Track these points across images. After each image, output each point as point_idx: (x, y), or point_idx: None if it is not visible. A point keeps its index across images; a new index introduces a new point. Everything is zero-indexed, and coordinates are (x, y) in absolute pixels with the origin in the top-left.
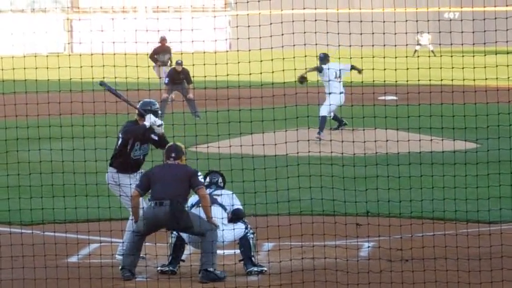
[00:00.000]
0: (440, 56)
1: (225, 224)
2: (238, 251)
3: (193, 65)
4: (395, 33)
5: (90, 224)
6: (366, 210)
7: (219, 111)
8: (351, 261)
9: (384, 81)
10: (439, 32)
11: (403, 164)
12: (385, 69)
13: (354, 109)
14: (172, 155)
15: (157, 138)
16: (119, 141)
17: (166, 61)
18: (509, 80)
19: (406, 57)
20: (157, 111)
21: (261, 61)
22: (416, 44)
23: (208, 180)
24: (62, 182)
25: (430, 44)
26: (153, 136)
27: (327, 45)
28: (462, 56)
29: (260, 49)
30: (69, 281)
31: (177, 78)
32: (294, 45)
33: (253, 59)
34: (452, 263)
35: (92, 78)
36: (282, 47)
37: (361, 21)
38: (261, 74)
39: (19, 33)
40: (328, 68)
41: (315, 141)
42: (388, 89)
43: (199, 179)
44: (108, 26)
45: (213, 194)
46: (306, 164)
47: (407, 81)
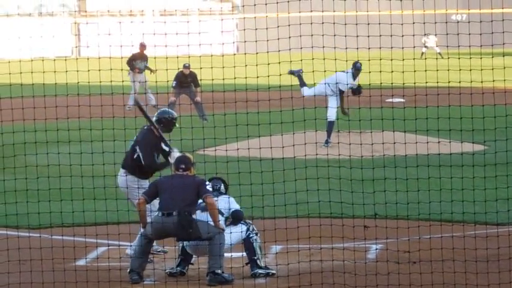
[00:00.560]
0: (448, 58)
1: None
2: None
3: (201, 68)
4: (402, 36)
5: (98, 228)
6: (373, 212)
7: (227, 114)
8: (359, 263)
9: (392, 83)
10: (447, 34)
11: (411, 166)
12: (392, 71)
13: (362, 111)
14: (182, 166)
15: (167, 149)
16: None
17: (143, 68)
18: None
19: (414, 59)
20: (174, 123)
21: (268, 64)
22: (423, 46)
23: (210, 186)
24: (69, 185)
25: (437, 46)
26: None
27: (334, 47)
28: (469, 58)
29: (267, 52)
30: (77, 284)
31: (185, 81)
32: (301, 47)
33: (260, 62)
34: (460, 265)
35: (100, 82)
36: (289, 49)
37: (368, 24)
38: (268, 76)
39: (26, 37)
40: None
41: (323, 145)
42: (395, 91)
43: (206, 188)
44: (115, 29)
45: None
46: (314, 167)
47: (414, 83)
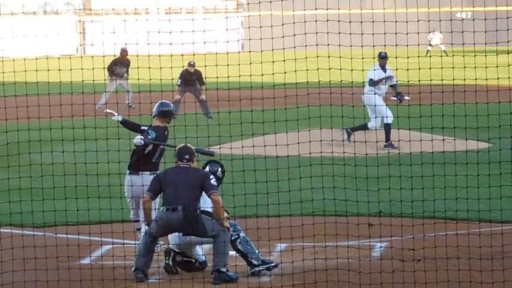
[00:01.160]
0: (453, 56)
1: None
2: None
3: (206, 66)
4: (407, 33)
5: (102, 226)
6: (378, 210)
7: (232, 112)
8: (364, 261)
9: (397, 81)
10: (451, 32)
11: (416, 164)
12: (397, 69)
13: (367, 109)
14: (186, 156)
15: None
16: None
17: (122, 74)
18: None
19: (419, 57)
20: (171, 113)
21: (273, 62)
22: (428, 44)
23: (208, 169)
24: (74, 184)
25: (442, 44)
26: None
27: (339, 45)
28: (474, 56)
29: (272, 50)
30: (81, 282)
31: (190, 79)
32: (305, 45)
33: (265, 60)
34: (464, 263)
35: (104, 80)
36: (294, 47)
37: (373, 22)
38: (273, 74)
39: (31, 36)
40: (390, 68)
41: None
42: (400, 89)
43: (211, 183)
44: (120, 27)
45: None
46: (319, 165)
47: (419, 81)
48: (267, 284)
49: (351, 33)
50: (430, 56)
